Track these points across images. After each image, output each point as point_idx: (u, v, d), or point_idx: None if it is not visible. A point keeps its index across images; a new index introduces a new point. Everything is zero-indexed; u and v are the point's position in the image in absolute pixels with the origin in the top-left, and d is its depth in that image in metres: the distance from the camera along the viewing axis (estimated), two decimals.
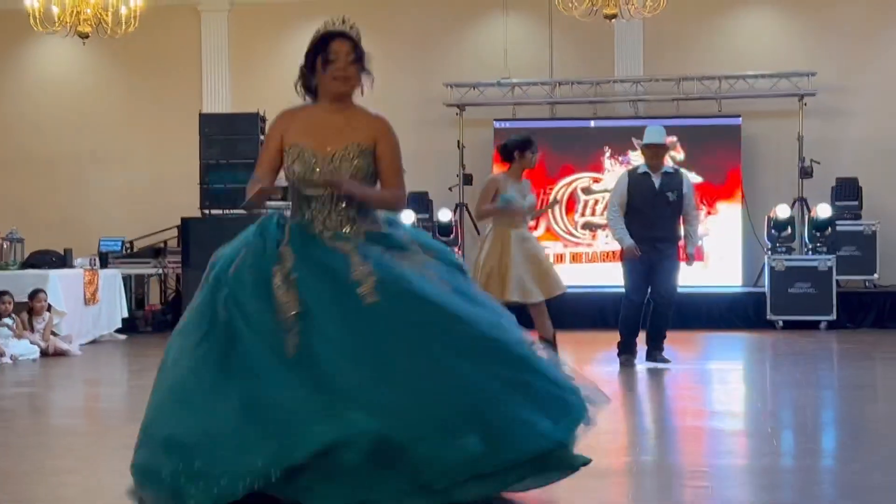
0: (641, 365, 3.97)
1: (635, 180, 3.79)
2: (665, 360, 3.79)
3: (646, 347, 3.83)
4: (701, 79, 5.99)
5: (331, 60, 1.42)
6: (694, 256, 3.88)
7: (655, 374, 4.09)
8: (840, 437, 2.67)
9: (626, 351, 3.81)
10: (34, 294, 4.54)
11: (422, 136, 6.16)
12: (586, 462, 1.44)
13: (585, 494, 1.63)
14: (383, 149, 1.49)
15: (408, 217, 5.65)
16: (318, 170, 1.45)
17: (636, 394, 3.76)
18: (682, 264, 3.89)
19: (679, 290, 3.99)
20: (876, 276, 5.77)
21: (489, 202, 3.40)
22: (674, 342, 4.52)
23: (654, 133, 3.83)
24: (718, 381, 3.89)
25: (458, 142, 5.89)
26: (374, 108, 1.54)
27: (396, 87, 5.59)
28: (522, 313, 2.76)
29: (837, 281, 5.54)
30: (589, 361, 4.44)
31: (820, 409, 3.27)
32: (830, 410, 3.27)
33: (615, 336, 4.10)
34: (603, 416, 1.60)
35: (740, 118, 5.97)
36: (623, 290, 3.96)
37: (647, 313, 3.85)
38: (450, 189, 6.18)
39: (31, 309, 4.54)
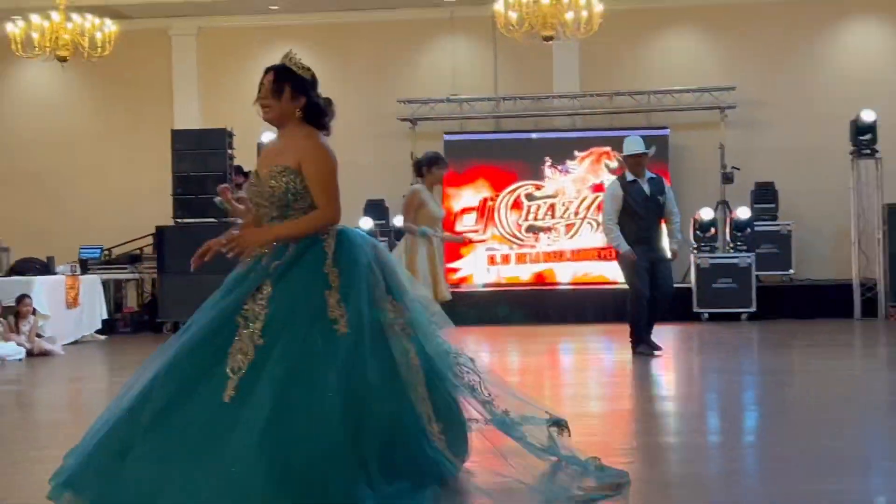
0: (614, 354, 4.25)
1: (627, 187, 3.85)
2: (657, 348, 3.96)
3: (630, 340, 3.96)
4: (632, 94, 6.40)
5: (258, 92, 1.51)
6: (675, 253, 4.02)
7: (590, 363, 4.52)
8: (759, 416, 2.76)
9: (643, 342, 3.92)
10: (20, 299, 4.67)
11: (378, 148, 6.55)
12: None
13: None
14: (307, 168, 1.47)
15: (366, 223, 5.95)
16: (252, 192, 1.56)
17: (569, 380, 3.99)
18: None
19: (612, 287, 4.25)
20: (792, 271, 6.19)
21: (412, 212, 3.59)
22: (610, 333, 4.95)
23: (634, 143, 3.91)
24: (649, 369, 3.87)
25: (412, 153, 6.27)
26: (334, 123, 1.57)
27: (354, 104, 5.90)
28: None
29: (757, 276, 5.93)
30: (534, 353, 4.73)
31: (741, 392, 3.37)
32: (751, 392, 3.36)
33: (558, 329, 4.28)
34: (544, 405, 1.67)
35: (668, 129, 6.36)
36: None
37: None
38: (403, 196, 6.56)
39: (17, 313, 4.64)
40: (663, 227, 4.02)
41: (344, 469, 1.24)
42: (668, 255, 3.98)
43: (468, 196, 6.51)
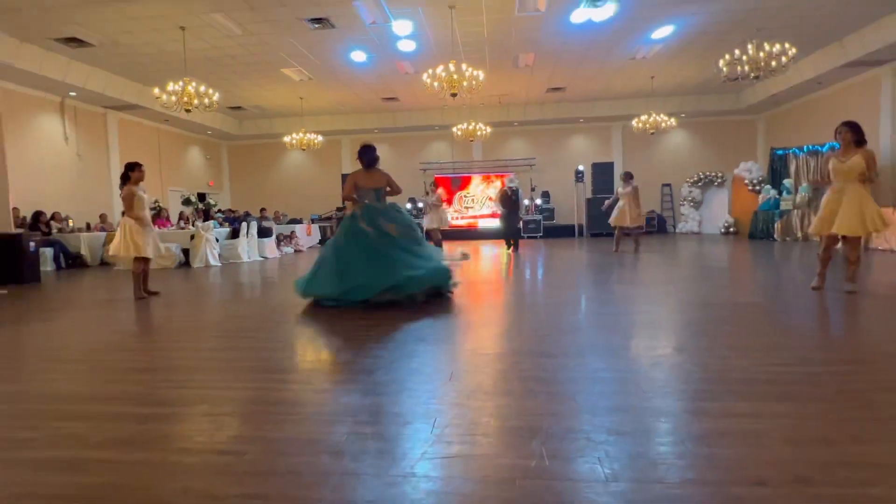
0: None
1: (510, 194, 15.12)
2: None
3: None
4: (492, 160, 17.95)
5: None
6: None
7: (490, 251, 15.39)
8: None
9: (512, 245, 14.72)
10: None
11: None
12: (455, 285, 5.49)
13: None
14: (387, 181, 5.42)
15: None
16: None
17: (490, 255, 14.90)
18: None
19: None
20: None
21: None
22: (497, 244, 16.14)
23: (511, 179, 15.09)
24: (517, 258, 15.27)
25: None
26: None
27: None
28: None
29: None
30: None
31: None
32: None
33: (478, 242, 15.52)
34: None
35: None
36: None
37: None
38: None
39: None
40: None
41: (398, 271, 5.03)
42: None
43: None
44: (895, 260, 7.91)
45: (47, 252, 10.31)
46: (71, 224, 11.97)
